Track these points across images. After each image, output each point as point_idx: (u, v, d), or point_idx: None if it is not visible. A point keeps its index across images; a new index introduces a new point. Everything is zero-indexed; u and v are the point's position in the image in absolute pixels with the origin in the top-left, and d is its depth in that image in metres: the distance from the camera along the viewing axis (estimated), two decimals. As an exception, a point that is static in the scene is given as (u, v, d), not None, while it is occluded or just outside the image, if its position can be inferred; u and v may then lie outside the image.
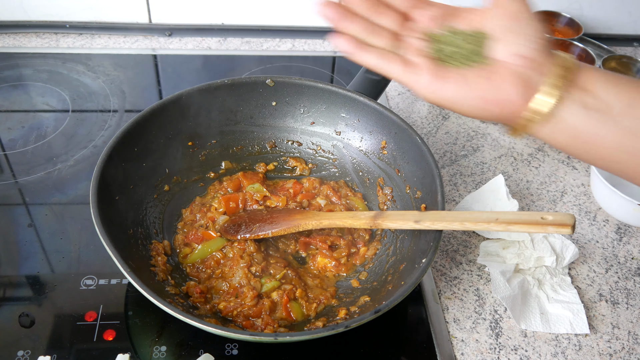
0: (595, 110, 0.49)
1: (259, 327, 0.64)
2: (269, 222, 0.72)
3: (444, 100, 0.52)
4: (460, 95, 0.51)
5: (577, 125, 0.49)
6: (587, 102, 0.49)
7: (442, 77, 0.52)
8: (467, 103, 0.51)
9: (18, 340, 0.63)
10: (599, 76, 0.50)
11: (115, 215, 0.66)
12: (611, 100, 0.49)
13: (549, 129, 0.51)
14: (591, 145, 0.50)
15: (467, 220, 0.60)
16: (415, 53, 0.53)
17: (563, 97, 0.49)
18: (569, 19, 1.14)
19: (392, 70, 0.53)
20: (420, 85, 0.52)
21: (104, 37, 1.12)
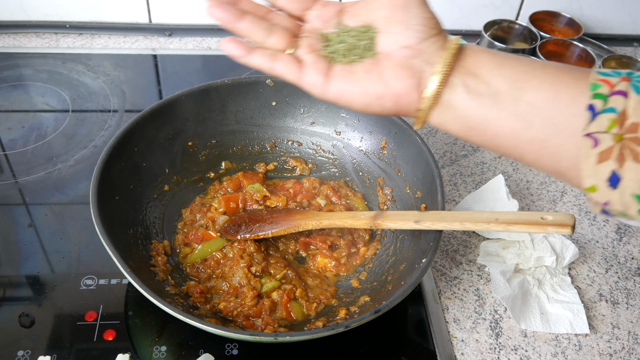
0: (481, 94, 0.47)
1: (259, 327, 0.64)
2: (269, 222, 0.72)
3: (336, 98, 0.51)
4: (352, 92, 0.50)
5: (466, 111, 0.48)
6: (472, 86, 0.47)
7: (330, 74, 0.50)
8: (359, 100, 0.50)
9: (18, 340, 0.63)
10: (487, 58, 0.48)
11: (115, 215, 0.66)
12: (497, 83, 0.47)
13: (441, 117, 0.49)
14: (482, 132, 0.48)
15: (467, 220, 0.60)
16: (307, 51, 0.52)
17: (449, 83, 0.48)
18: (569, 19, 1.14)
19: (283, 71, 0.51)
20: (310, 84, 0.51)
21: (104, 37, 1.12)
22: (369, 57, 0.50)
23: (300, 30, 0.54)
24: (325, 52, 0.52)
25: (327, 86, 0.50)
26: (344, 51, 0.51)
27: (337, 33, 0.52)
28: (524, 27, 1.12)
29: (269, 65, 0.51)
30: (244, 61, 0.51)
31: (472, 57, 0.48)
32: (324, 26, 0.53)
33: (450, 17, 1.17)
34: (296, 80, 0.51)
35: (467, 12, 1.17)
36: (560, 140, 0.44)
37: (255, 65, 0.51)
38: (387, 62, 0.49)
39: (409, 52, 0.49)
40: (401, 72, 0.49)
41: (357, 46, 0.51)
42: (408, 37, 0.49)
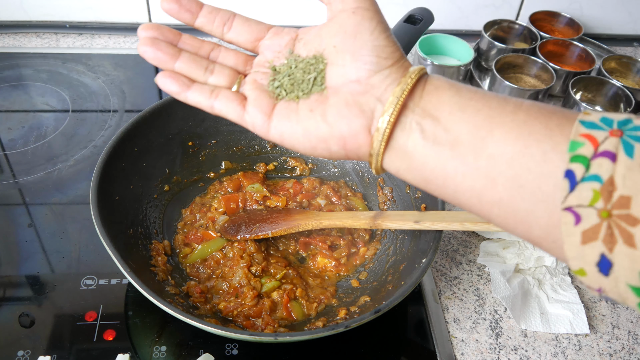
0: (438, 142, 0.39)
1: (259, 327, 0.64)
2: (269, 222, 0.72)
3: (279, 139, 0.45)
4: (293, 134, 0.44)
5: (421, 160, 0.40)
6: (429, 131, 0.40)
7: (272, 113, 0.45)
8: (302, 142, 0.44)
9: (18, 340, 0.63)
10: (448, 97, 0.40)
11: (115, 215, 0.66)
12: (457, 129, 0.39)
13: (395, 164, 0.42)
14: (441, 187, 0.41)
15: (467, 220, 0.60)
16: (251, 87, 0.46)
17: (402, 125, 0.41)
18: (569, 19, 1.14)
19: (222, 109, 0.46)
20: (251, 123, 0.45)
21: (104, 37, 1.12)
22: (316, 93, 0.44)
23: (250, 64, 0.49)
24: (271, 88, 0.46)
25: (269, 126, 0.45)
26: (290, 86, 0.45)
27: (288, 65, 0.46)
28: (524, 27, 1.12)
29: (207, 103, 0.46)
30: (181, 98, 0.46)
31: (433, 94, 0.41)
32: (275, 57, 0.47)
33: (450, 17, 1.17)
34: (238, 119, 0.46)
35: (467, 12, 1.17)
36: (529, 206, 0.36)
37: (192, 102, 0.46)
38: (334, 98, 0.43)
39: (357, 87, 0.42)
40: (347, 112, 0.42)
41: (303, 80, 0.45)
42: (357, 69, 0.42)
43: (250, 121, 0.45)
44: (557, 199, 0.34)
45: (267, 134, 0.45)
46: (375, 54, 0.42)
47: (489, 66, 1.07)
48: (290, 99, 0.45)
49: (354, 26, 0.43)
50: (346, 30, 0.43)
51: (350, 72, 0.42)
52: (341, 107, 0.42)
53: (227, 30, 0.48)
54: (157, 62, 0.46)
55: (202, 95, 0.46)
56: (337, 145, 0.43)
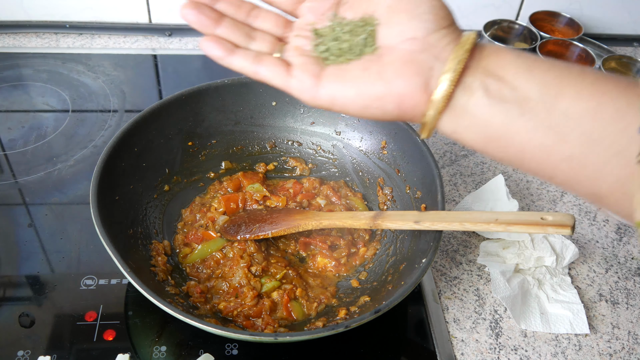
0: (505, 100, 0.40)
1: (259, 327, 0.64)
2: (269, 222, 0.72)
3: (328, 103, 0.44)
4: (346, 94, 0.43)
5: (485, 118, 0.41)
6: (494, 89, 0.40)
7: (321, 76, 0.44)
8: (354, 102, 0.43)
9: (18, 340, 0.63)
10: (512, 58, 0.41)
11: (115, 215, 0.66)
12: (526, 88, 0.39)
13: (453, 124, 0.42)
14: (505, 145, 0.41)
15: (467, 220, 0.60)
16: (296, 54, 0.46)
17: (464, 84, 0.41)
18: (569, 19, 1.14)
19: (267, 74, 0.45)
20: (298, 89, 0.45)
21: (104, 37, 1.12)
22: (367, 54, 0.44)
23: (290, 28, 0.48)
24: (317, 52, 0.46)
25: (318, 90, 0.44)
26: (338, 50, 0.45)
27: (332, 28, 0.46)
28: (524, 27, 1.12)
29: (252, 69, 0.46)
30: (225, 63, 0.46)
31: (494, 56, 0.41)
32: (317, 20, 0.47)
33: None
34: (283, 85, 0.45)
35: (467, 12, 1.17)
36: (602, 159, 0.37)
37: (237, 67, 0.46)
38: (389, 57, 0.43)
39: (415, 45, 0.42)
40: (405, 69, 0.42)
41: (353, 43, 0.44)
42: (414, 28, 0.42)
43: (297, 86, 0.44)
44: (632, 153, 0.36)
45: (315, 98, 0.44)
46: (433, 13, 0.42)
47: (489, 66, 1.06)
48: (340, 62, 0.44)
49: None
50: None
51: (407, 30, 0.42)
52: (398, 65, 0.42)
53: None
54: (199, 26, 0.46)
55: (246, 60, 0.46)
56: (393, 103, 0.42)
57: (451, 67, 0.41)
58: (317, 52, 0.46)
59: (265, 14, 0.48)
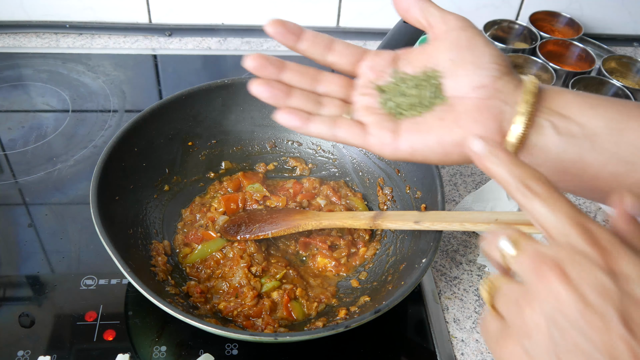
0: (574, 136, 0.44)
1: (260, 327, 0.64)
2: (269, 222, 0.72)
3: (409, 154, 0.47)
4: (426, 144, 0.46)
5: (558, 154, 0.44)
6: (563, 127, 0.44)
7: (398, 130, 0.47)
8: (436, 151, 0.46)
9: (18, 340, 0.63)
10: (572, 98, 0.45)
11: (115, 215, 0.66)
12: (592, 124, 0.43)
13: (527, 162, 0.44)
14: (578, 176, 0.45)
15: (467, 220, 0.60)
16: (366, 113, 0.48)
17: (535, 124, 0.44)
18: (569, 19, 1.14)
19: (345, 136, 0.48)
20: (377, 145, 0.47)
21: (104, 37, 1.12)
22: (438, 105, 0.46)
23: (353, 87, 0.50)
24: (386, 109, 0.48)
25: (398, 144, 0.46)
26: (408, 105, 0.47)
27: (395, 84, 0.48)
28: (524, 27, 1.12)
29: (330, 133, 0.48)
30: (302, 131, 0.48)
31: (556, 96, 0.45)
32: (378, 78, 0.49)
33: (450, 17, 1.17)
34: (362, 143, 0.48)
35: (467, 12, 1.16)
36: None
37: (314, 133, 0.48)
38: (461, 106, 0.45)
39: (484, 92, 0.45)
40: (479, 115, 0.44)
41: (422, 96, 0.47)
42: (481, 76, 0.45)
43: (376, 142, 0.47)
44: None
45: (396, 151, 0.47)
46: (495, 62, 0.45)
47: (489, 66, 1.06)
48: (412, 116, 0.47)
49: (468, 40, 0.46)
50: (460, 44, 0.46)
51: (474, 79, 0.45)
52: (473, 112, 0.45)
53: (328, 54, 0.50)
54: (273, 100, 0.48)
55: (323, 126, 0.48)
56: None
57: (523, 110, 0.44)
58: (386, 108, 0.48)
59: (327, 77, 0.50)
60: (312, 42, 0.49)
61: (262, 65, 0.48)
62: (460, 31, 0.47)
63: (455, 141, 0.45)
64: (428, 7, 0.48)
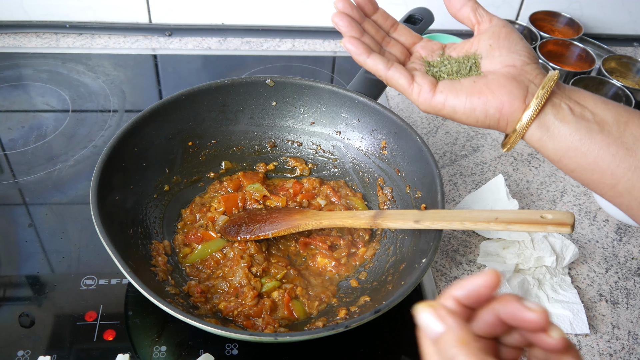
0: (587, 119, 0.51)
1: (260, 327, 0.64)
2: (269, 222, 0.72)
3: (440, 105, 0.56)
4: (457, 98, 0.55)
5: (571, 131, 0.52)
6: (578, 111, 0.52)
7: (437, 84, 0.56)
8: (463, 105, 0.55)
9: (18, 340, 0.63)
10: (589, 94, 0.53)
11: (115, 215, 0.66)
12: (602, 114, 0.51)
13: (540, 133, 0.53)
14: (583, 154, 0.52)
15: (467, 219, 0.60)
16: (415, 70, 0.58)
17: (553, 103, 0.52)
18: (569, 19, 1.14)
19: (395, 76, 0.57)
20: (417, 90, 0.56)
21: (104, 37, 1.12)
22: (474, 75, 0.56)
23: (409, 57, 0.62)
24: (430, 73, 0.58)
25: (433, 95, 0.56)
26: (449, 71, 0.58)
27: (441, 61, 0.59)
28: (524, 27, 1.12)
29: (384, 68, 0.57)
30: (362, 60, 0.57)
31: (575, 91, 0.53)
32: (428, 55, 0.61)
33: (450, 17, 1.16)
34: (406, 87, 0.57)
35: (467, 12, 1.17)
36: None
37: (371, 66, 0.57)
38: (493, 76, 0.54)
39: (513, 70, 0.54)
40: (507, 83, 0.53)
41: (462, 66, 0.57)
42: (513, 58, 0.55)
43: (417, 90, 0.56)
44: None
45: (430, 101, 0.56)
46: (526, 51, 0.56)
47: (489, 66, 1.06)
48: (452, 78, 0.57)
49: (507, 33, 0.57)
50: (500, 35, 0.57)
51: (507, 60, 0.55)
52: (502, 80, 0.54)
53: (394, 31, 0.63)
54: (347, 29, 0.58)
55: (380, 61, 0.57)
56: (495, 108, 0.53)
57: (544, 85, 0.52)
58: (430, 73, 0.59)
59: (394, 41, 0.62)
60: (384, 17, 0.62)
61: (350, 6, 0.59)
62: (501, 27, 0.57)
63: (482, 100, 0.54)
64: (477, 8, 0.59)
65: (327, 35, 1.17)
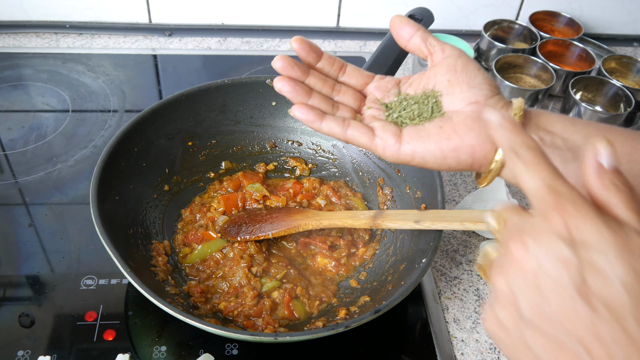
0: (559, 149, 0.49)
1: (260, 327, 0.64)
2: (269, 222, 0.72)
3: (409, 156, 0.52)
4: (426, 148, 0.51)
5: None
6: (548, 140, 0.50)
7: (402, 135, 0.52)
8: (434, 155, 0.51)
9: (18, 340, 0.63)
10: (556, 117, 0.51)
11: (115, 215, 0.66)
12: (573, 139, 0.49)
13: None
14: None
15: (467, 219, 0.60)
16: (372, 120, 0.54)
17: None
18: (569, 19, 1.14)
19: (355, 135, 0.53)
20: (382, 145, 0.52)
21: (104, 37, 1.12)
22: (438, 117, 0.52)
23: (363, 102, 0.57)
24: (390, 120, 0.54)
25: (400, 147, 0.52)
26: (411, 115, 0.53)
27: (399, 101, 0.55)
28: (524, 27, 1.12)
29: (341, 131, 0.53)
30: (316, 127, 0.53)
31: (541, 116, 0.51)
32: (384, 96, 0.56)
33: (450, 17, 1.17)
34: (368, 143, 0.53)
35: (467, 12, 1.17)
36: None
37: (327, 131, 0.53)
38: (458, 117, 0.51)
39: (477, 107, 0.51)
40: (474, 125, 0.50)
41: (423, 109, 0.53)
42: (474, 94, 0.51)
43: (381, 144, 0.52)
44: None
45: (397, 154, 0.52)
46: (487, 83, 0.52)
47: (489, 66, 1.07)
48: (415, 124, 0.53)
49: (463, 65, 0.52)
50: (456, 69, 0.52)
51: (469, 96, 0.51)
52: (468, 123, 0.50)
53: (342, 74, 0.57)
54: (294, 95, 0.54)
55: (335, 124, 0.53)
56: (467, 154, 0.50)
57: None
58: (391, 119, 0.54)
59: (345, 89, 0.57)
60: (329, 63, 0.56)
61: (290, 65, 0.53)
62: (456, 58, 0.53)
63: (453, 147, 0.50)
64: (427, 38, 0.54)
65: (327, 36, 1.17)
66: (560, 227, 0.33)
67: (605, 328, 0.31)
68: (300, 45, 0.55)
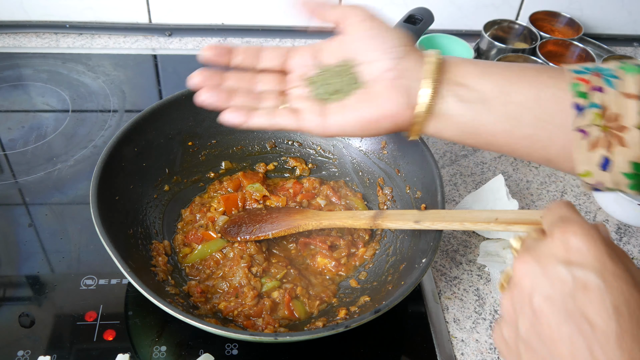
0: (472, 101, 0.51)
1: (260, 327, 0.64)
2: (269, 222, 0.72)
3: (337, 131, 0.55)
4: (349, 122, 0.54)
5: (459, 118, 0.52)
6: (462, 94, 0.51)
7: (326, 112, 0.54)
8: (357, 126, 0.54)
9: (18, 340, 0.63)
10: (471, 68, 0.52)
11: (115, 215, 0.66)
12: (485, 89, 0.51)
13: (435, 126, 0.53)
14: (477, 135, 0.52)
15: (467, 220, 0.60)
16: (298, 101, 0.56)
17: (439, 94, 0.51)
18: (569, 19, 1.14)
19: (283, 123, 0.55)
20: (309, 126, 0.55)
21: (104, 37, 1.12)
22: (357, 89, 0.54)
23: (286, 81, 0.58)
24: (315, 95, 0.55)
25: (326, 123, 0.54)
26: (331, 92, 0.55)
27: (321, 73, 0.56)
28: (524, 27, 1.12)
29: (269, 122, 0.55)
30: (245, 126, 0.55)
31: (456, 68, 0.52)
32: (306, 71, 0.57)
33: (450, 17, 1.17)
34: (297, 127, 0.55)
35: (467, 12, 1.17)
36: (549, 134, 0.49)
37: (257, 126, 0.55)
38: (376, 87, 0.53)
39: (393, 74, 0.52)
40: (391, 94, 0.52)
41: (343, 81, 0.55)
42: (387, 60, 0.53)
43: (309, 124, 0.55)
44: (570, 124, 0.48)
45: (325, 129, 0.54)
46: (397, 45, 0.53)
47: (489, 66, 1.06)
48: (337, 99, 0.54)
49: (371, 29, 0.54)
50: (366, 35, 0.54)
51: (383, 64, 0.53)
52: (385, 92, 0.52)
53: (259, 61, 0.58)
54: (220, 103, 0.55)
55: (263, 118, 0.55)
56: (387, 121, 0.53)
57: (426, 84, 0.51)
58: (315, 94, 0.56)
59: (263, 77, 0.58)
60: (244, 55, 0.58)
61: (206, 78, 0.56)
62: (363, 23, 0.54)
63: (373, 117, 0.53)
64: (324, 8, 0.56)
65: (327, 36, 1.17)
66: (560, 248, 0.36)
67: (584, 353, 0.33)
68: (209, 53, 0.57)
